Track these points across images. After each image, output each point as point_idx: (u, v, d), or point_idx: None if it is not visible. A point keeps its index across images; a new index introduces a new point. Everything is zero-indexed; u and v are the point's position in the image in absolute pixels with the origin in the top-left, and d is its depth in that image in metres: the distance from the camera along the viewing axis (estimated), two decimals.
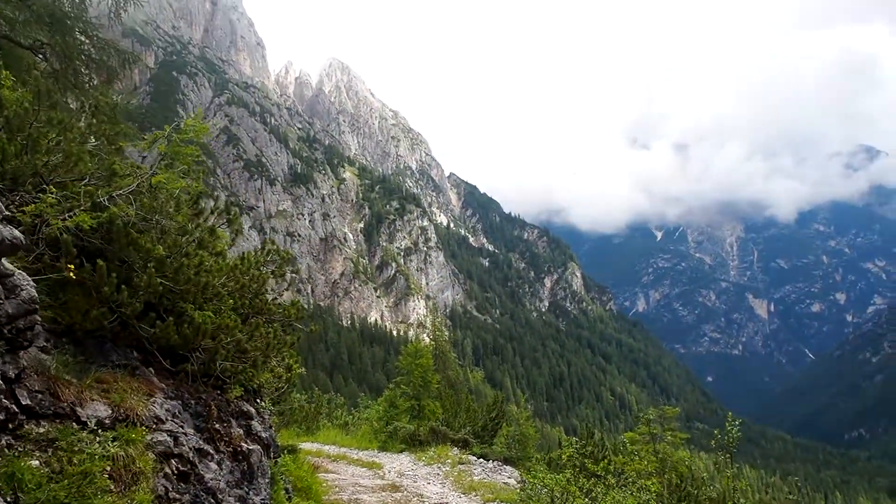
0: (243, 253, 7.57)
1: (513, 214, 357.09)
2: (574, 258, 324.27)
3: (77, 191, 5.58)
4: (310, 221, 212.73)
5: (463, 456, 19.98)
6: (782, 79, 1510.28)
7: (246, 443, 6.36)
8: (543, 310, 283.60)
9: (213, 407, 5.96)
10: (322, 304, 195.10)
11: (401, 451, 22.25)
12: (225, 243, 7.37)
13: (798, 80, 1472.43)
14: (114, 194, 5.55)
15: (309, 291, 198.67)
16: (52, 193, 5.37)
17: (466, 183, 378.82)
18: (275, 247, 8.11)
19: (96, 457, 4.48)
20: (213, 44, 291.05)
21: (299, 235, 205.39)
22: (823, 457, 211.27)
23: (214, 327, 5.86)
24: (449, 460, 19.28)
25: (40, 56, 14.33)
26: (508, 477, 17.67)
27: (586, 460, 16.05)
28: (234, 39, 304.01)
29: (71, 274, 5.07)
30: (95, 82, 15.40)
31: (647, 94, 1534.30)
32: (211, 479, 5.54)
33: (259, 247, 8.19)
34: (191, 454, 5.32)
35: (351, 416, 33.47)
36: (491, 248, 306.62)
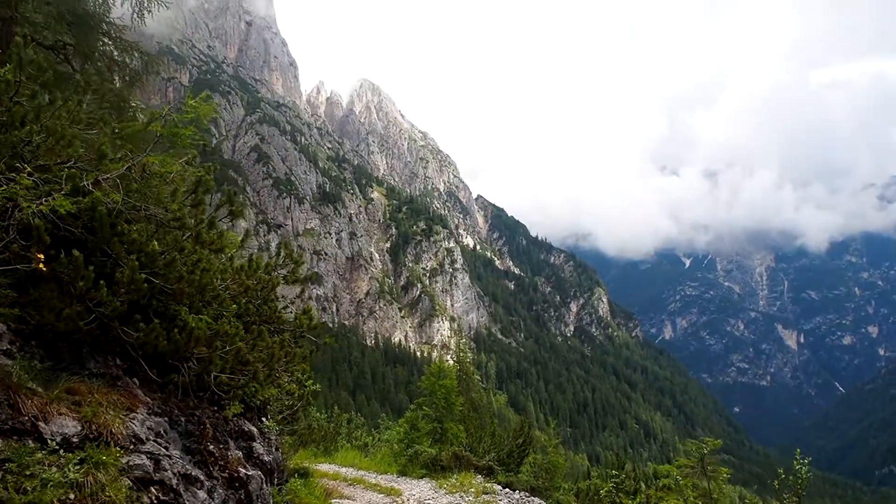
0: (251, 254, 6.78)
1: (539, 238, 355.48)
2: (601, 283, 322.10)
3: (61, 174, 4.85)
4: (337, 240, 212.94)
5: (487, 485, 18.95)
6: (814, 108, 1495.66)
7: (245, 467, 5.50)
8: (569, 334, 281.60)
9: (207, 425, 5.12)
10: (347, 323, 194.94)
11: (421, 477, 20.94)
12: (230, 241, 6.56)
13: (830, 110, 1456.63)
14: (100, 178, 4.80)
15: (334, 310, 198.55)
16: (28, 175, 4.62)
17: (493, 206, 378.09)
18: (288, 250, 7.31)
19: (52, 483, 3.82)
20: (247, 63, 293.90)
21: (326, 254, 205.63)
22: (853, 493, 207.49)
23: (211, 334, 5.03)
24: (472, 489, 18.28)
25: (61, 56, 13.82)
26: None
27: (622, 496, 15.14)
28: (267, 59, 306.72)
29: (41, 265, 4.30)
30: (118, 84, 14.79)
31: (678, 119, 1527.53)
32: None
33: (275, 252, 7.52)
34: (174, 480, 4.42)
35: (371, 437, 32.37)
36: (517, 271, 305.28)
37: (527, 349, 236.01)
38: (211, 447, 5.26)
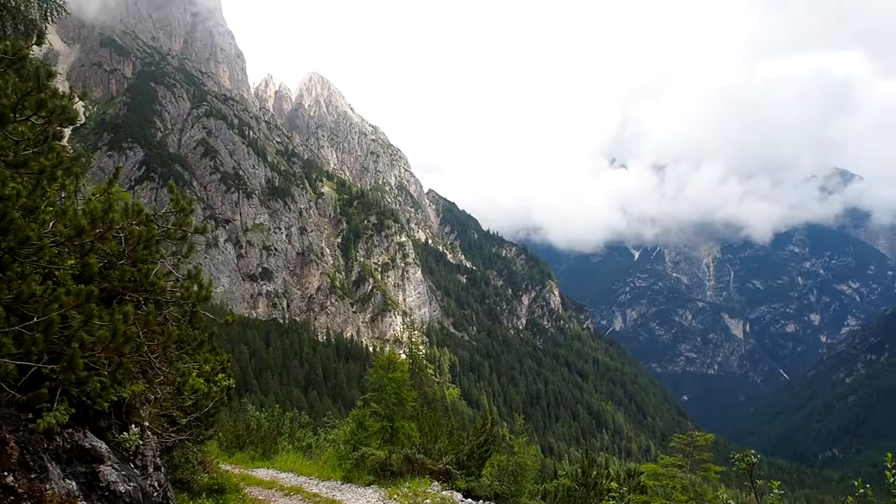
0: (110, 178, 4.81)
1: (491, 232, 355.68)
2: (552, 276, 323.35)
3: None
4: (287, 235, 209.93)
5: (445, 493, 17.34)
6: (758, 103, 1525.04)
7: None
8: (521, 327, 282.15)
9: (10, 443, 3.59)
10: (298, 318, 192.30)
11: (369, 484, 19.28)
12: (70, 163, 4.56)
13: (774, 105, 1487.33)
14: None
15: (285, 306, 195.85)
16: None
17: (445, 200, 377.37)
18: (176, 194, 5.45)
19: None
20: (193, 55, 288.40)
21: (276, 249, 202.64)
22: (798, 476, 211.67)
23: (10, 298, 3.66)
24: (428, 499, 16.62)
25: None
26: None
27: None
28: (213, 52, 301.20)
29: None
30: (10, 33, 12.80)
31: (626, 113, 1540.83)
32: None
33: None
34: None
35: (315, 438, 30.18)
36: (469, 265, 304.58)
37: (479, 343, 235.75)
38: (9, 479, 3.57)
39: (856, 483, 7.84)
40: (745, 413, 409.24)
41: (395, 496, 17.28)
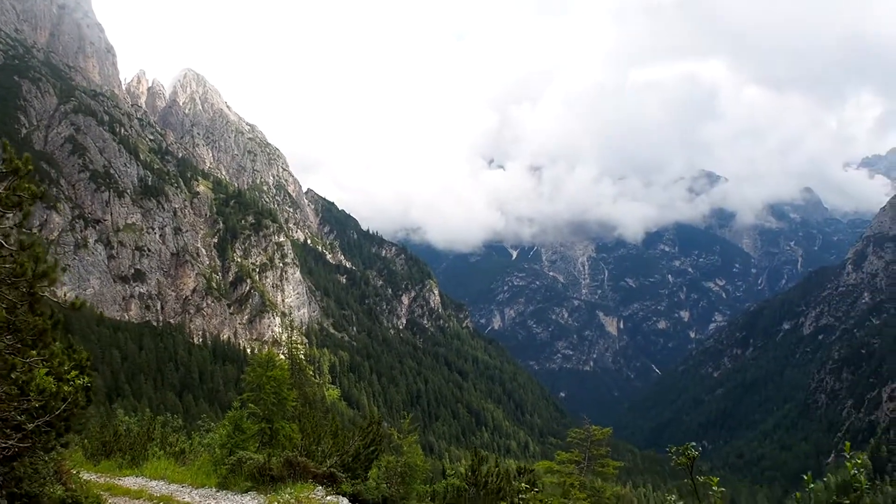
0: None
1: (371, 232, 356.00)
2: (432, 275, 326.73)
3: None
4: (160, 236, 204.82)
5: (330, 498, 16.70)
6: (630, 107, 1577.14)
7: None
8: (401, 327, 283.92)
9: None
10: (172, 321, 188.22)
11: (246, 491, 17.98)
12: None
13: (645, 109, 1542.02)
14: None
15: (159, 308, 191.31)
16: None
17: (324, 199, 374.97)
18: (8, 152, 5.75)
19: None
20: (60, 49, 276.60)
21: (149, 250, 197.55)
22: (669, 469, 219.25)
23: None
24: None
25: None
26: None
27: None
28: (82, 45, 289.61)
29: None
30: None
31: (503, 115, 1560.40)
32: None
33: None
34: None
35: (189, 443, 28.37)
36: (348, 265, 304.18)
37: (359, 343, 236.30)
38: None
39: (805, 477, 7.78)
40: (619, 408, 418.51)
41: (276, 503, 16.41)
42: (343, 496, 17.02)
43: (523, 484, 18.28)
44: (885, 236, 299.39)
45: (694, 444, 8.50)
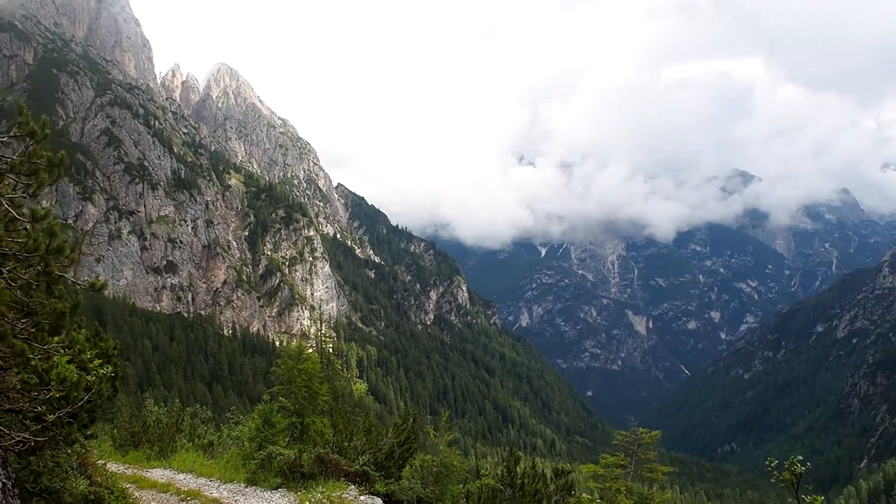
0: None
1: (400, 227, 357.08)
2: (460, 272, 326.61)
3: None
4: (192, 228, 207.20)
5: (364, 498, 16.04)
6: (663, 105, 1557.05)
7: None
8: (428, 322, 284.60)
9: None
10: (203, 312, 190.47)
11: (276, 487, 17.30)
12: None
13: (678, 107, 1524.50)
14: None
15: (189, 300, 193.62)
16: None
17: (354, 194, 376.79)
18: (24, 115, 5.42)
19: None
20: (97, 42, 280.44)
21: (181, 242, 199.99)
22: (697, 470, 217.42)
23: None
24: None
25: None
26: None
27: None
28: (118, 39, 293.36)
29: None
30: None
31: (534, 112, 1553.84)
32: None
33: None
34: None
35: (218, 435, 27.54)
36: (377, 259, 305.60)
37: (387, 338, 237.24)
38: None
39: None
40: (647, 408, 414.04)
41: (307, 502, 15.72)
42: (377, 496, 16.38)
43: (584, 495, 17.29)
44: None
45: (801, 458, 8.11)
